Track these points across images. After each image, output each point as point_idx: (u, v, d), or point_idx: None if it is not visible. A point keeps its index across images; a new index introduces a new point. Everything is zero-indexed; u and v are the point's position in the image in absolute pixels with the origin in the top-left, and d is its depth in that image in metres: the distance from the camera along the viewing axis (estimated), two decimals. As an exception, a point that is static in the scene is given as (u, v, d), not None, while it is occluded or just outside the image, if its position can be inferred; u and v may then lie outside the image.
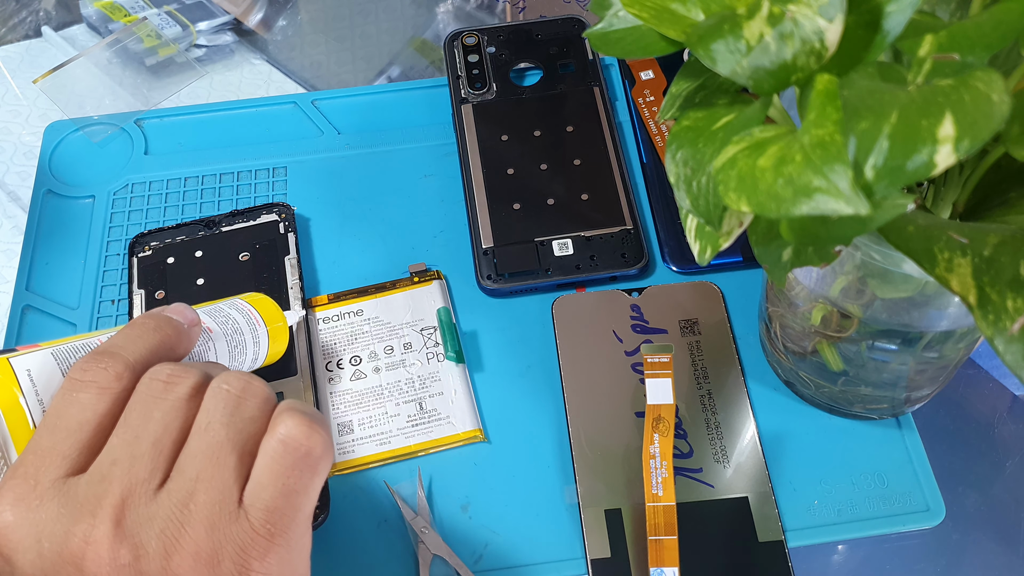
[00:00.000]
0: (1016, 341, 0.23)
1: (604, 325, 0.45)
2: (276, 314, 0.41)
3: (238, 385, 0.30)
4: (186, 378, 0.30)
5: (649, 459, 0.38)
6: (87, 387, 0.29)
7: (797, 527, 0.39)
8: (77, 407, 0.29)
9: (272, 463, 0.29)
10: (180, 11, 0.64)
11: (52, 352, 0.33)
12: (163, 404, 0.29)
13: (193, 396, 0.30)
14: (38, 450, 0.28)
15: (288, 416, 0.30)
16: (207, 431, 0.29)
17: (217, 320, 0.38)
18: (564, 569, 0.39)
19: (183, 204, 0.51)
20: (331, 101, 0.56)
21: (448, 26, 0.66)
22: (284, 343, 0.41)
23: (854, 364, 0.37)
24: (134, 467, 0.28)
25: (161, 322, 0.33)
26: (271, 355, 0.40)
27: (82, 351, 0.33)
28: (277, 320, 0.41)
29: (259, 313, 0.40)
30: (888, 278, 0.31)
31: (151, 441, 0.28)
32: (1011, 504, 0.41)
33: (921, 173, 0.20)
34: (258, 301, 0.41)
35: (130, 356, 0.31)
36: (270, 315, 0.41)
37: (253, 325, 0.39)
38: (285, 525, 0.28)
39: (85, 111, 0.56)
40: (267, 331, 0.40)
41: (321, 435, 0.30)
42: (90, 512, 0.27)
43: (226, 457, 0.28)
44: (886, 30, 0.23)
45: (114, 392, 0.30)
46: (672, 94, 0.30)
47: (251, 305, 0.40)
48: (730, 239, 0.26)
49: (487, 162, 0.50)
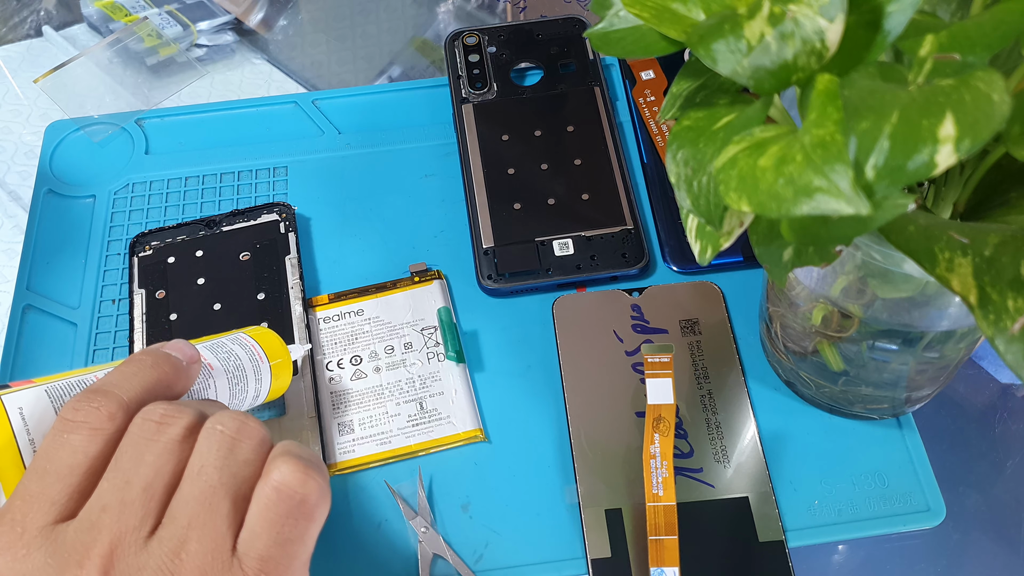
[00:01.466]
0: (1017, 341, 0.23)
1: (605, 325, 0.45)
2: (280, 350, 0.40)
3: (232, 426, 0.29)
4: (179, 418, 0.29)
5: (649, 459, 0.38)
6: (78, 428, 0.29)
7: (797, 527, 0.39)
8: (68, 450, 0.28)
9: (266, 511, 0.28)
10: (181, 11, 0.64)
11: (46, 389, 0.32)
12: (155, 446, 0.29)
13: (186, 437, 0.29)
14: (26, 495, 0.27)
15: (283, 461, 0.29)
16: (200, 475, 0.28)
17: (218, 356, 0.37)
18: (564, 569, 0.39)
19: (184, 204, 0.51)
20: (332, 101, 0.56)
21: (449, 26, 0.66)
22: (287, 379, 0.40)
23: (855, 364, 0.37)
24: (124, 514, 0.27)
25: (159, 359, 0.32)
26: (273, 391, 0.39)
27: (77, 388, 0.32)
28: (281, 356, 0.39)
29: (263, 349, 0.39)
30: (889, 278, 0.31)
31: (142, 486, 0.28)
32: (1012, 504, 0.41)
33: (922, 173, 0.20)
34: (262, 336, 0.40)
35: (124, 394, 0.30)
36: (274, 351, 0.39)
37: (256, 361, 0.38)
38: (280, 574, 0.28)
39: (86, 111, 0.56)
40: (270, 368, 0.39)
41: (317, 481, 0.29)
42: (77, 563, 0.26)
43: (219, 503, 0.28)
44: (887, 30, 0.23)
45: (106, 433, 0.29)
46: (673, 94, 0.30)
47: (254, 340, 0.39)
48: (731, 239, 0.26)
49: (488, 162, 0.50)
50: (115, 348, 0.46)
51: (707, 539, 0.38)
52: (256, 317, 0.45)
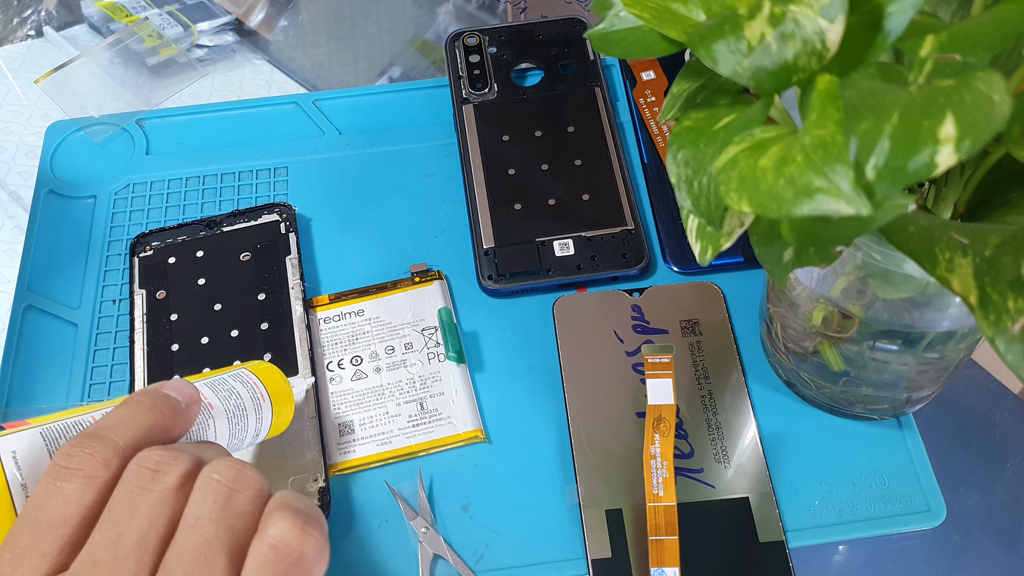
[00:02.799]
0: (1017, 341, 0.23)
1: (605, 325, 0.45)
2: (282, 387, 0.39)
3: (229, 475, 0.29)
4: (175, 465, 0.29)
5: (650, 459, 0.38)
6: (72, 476, 0.28)
7: (798, 527, 0.39)
8: (60, 499, 0.27)
9: (262, 569, 0.27)
10: (181, 11, 0.64)
11: (41, 431, 0.31)
12: (150, 496, 0.28)
13: (182, 486, 0.28)
14: (17, 548, 0.27)
15: (280, 516, 0.28)
16: (195, 528, 0.27)
17: (219, 395, 0.36)
18: (565, 569, 0.39)
19: (184, 204, 0.51)
20: (332, 101, 0.56)
21: (449, 26, 0.66)
22: (289, 417, 0.39)
23: (855, 365, 0.37)
24: (117, 569, 0.26)
25: (157, 400, 0.32)
26: (274, 428, 0.38)
27: (73, 430, 0.31)
28: (283, 394, 0.39)
29: (264, 387, 0.38)
30: (889, 278, 0.31)
31: (135, 539, 0.27)
32: (1012, 505, 0.41)
33: (922, 173, 0.20)
34: (264, 372, 0.39)
35: (120, 439, 0.29)
36: (276, 388, 0.38)
37: (257, 400, 0.37)
38: None
39: (86, 111, 0.56)
40: (271, 407, 0.38)
41: (315, 538, 0.28)
42: None
43: (215, 557, 0.27)
44: (887, 31, 0.23)
45: (101, 481, 0.28)
46: (673, 94, 0.30)
47: (257, 377, 0.38)
48: (731, 239, 0.26)
49: (488, 162, 0.50)
50: (115, 348, 0.46)
51: (707, 539, 0.38)
52: (256, 317, 0.45)
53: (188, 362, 0.44)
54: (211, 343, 0.44)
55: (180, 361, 0.44)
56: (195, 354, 0.44)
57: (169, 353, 0.44)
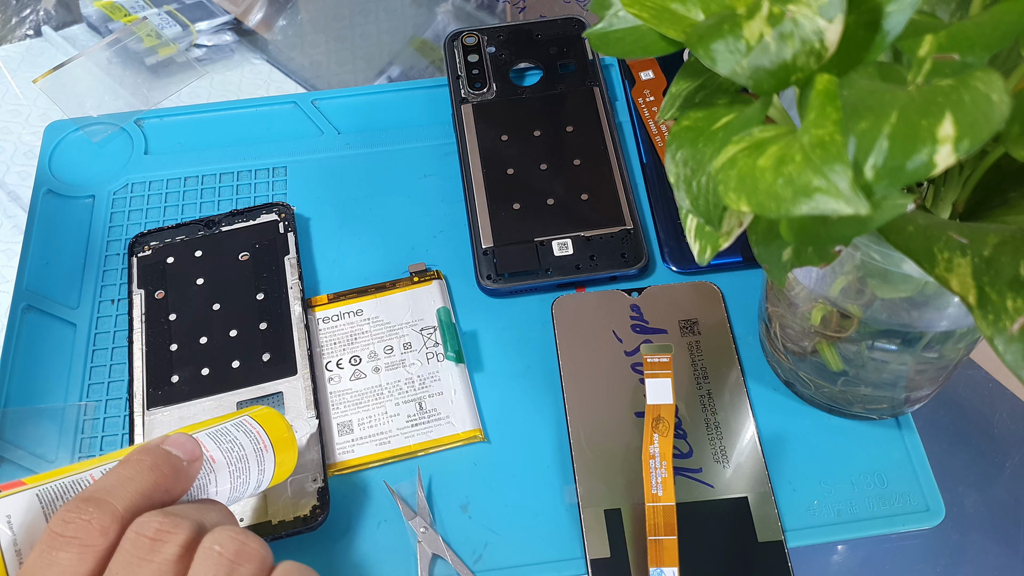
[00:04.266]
0: (1016, 341, 0.23)
1: (604, 325, 0.45)
2: (285, 434, 0.38)
3: (232, 548, 0.28)
4: (175, 534, 0.28)
5: (649, 459, 0.38)
6: (68, 545, 0.27)
7: (797, 527, 0.39)
8: (56, 570, 0.26)
9: None
10: (180, 11, 0.64)
11: (37, 493, 0.30)
12: (148, 568, 0.27)
13: (182, 556, 0.28)
14: None
15: None
16: None
17: (221, 446, 0.34)
18: (564, 569, 0.39)
19: (183, 204, 0.51)
20: (331, 101, 0.56)
21: (448, 26, 0.66)
22: (292, 464, 0.38)
23: (854, 364, 0.37)
24: None
25: (158, 459, 0.30)
26: (277, 476, 0.37)
27: (70, 491, 0.30)
28: (286, 441, 0.37)
29: (267, 435, 0.37)
30: (888, 278, 0.31)
31: None
32: (1011, 504, 0.41)
33: (921, 173, 0.20)
34: (268, 420, 0.37)
35: (119, 503, 0.28)
36: (279, 436, 0.37)
37: (260, 451, 0.36)
38: None
39: (85, 111, 0.56)
40: (274, 456, 0.36)
41: None
42: None
43: None
44: (886, 30, 0.23)
45: (98, 550, 0.27)
46: (672, 94, 0.30)
47: (260, 426, 0.37)
48: (730, 239, 0.26)
49: (487, 162, 0.50)
50: (114, 348, 0.46)
51: (706, 539, 0.38)
52: (255, 317, 0.45)
53: (187, 362, 0.44)
54: (210, 343, 0.44)
55: (179, 361, 0.44)
56: (194, 354, 0.44)
57: (168, 353, 0.44)
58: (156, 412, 0.43)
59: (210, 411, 0.42)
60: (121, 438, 0.43)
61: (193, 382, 0.43)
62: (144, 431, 0.42)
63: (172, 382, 0.43)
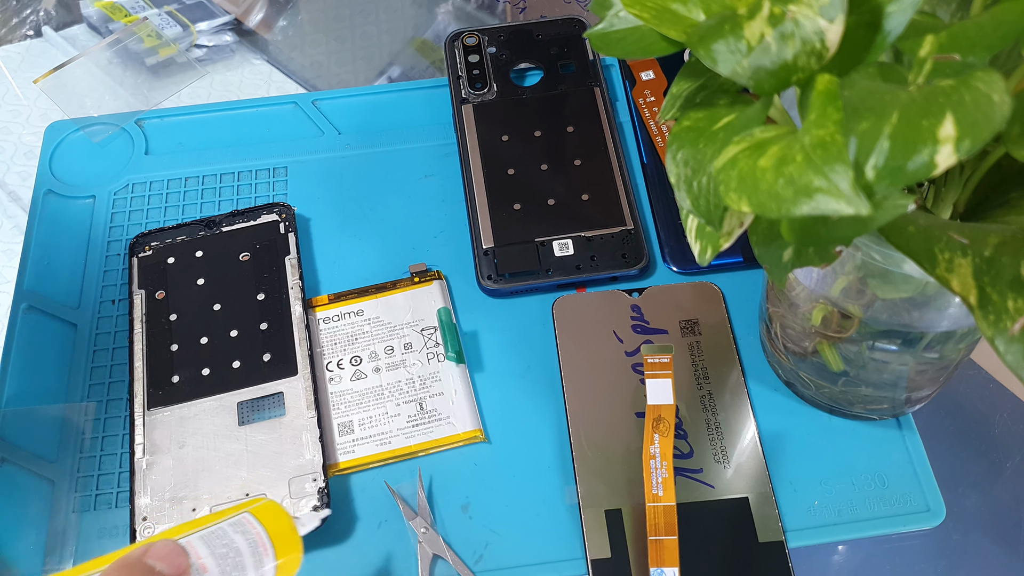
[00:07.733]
0: (1017, 341, 0.23)
1: (604, 325, 0.45)
2: (288, 534, 0.34)
3: None
4: None
5: (649, 459, 0.38)
6: None
7: (797, 527, 0.39)
8: None
9: None
10: (181, 11, 0.64)
11: None
12: None
13: None
14: None
15: None
16: None
17: (215, 551, 0.32)
18: (564, 569, 0.39)
19: (183, 204, 0.51)
20: (331, 101, 0.56)
21: (448, 26, 0.66)
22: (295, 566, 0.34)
23: (854, 364, 0.37)
24: None
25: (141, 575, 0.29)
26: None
27: None
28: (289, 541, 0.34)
29: (269, 537, 0.33)
30: (889, 278, 0.31)
31: None
32: (1011, 504, 0.41)
33: (922, 173, 0.20)
34: (270, 517, 0.34)
35: None
36: (281, 536, 0.34)
37: (258, 555, 0.32)
38: None
39: (86, 111, 0.56)
40: (275, 560, 0.33)
41: None
42: None
43: None
44: (887, 30, 0.23)
45: None
46: (673, 94, 0.30)
47: (261, 525, 0.34)
48: (731, 239, 0.26)
49: (487, 162, 0.50)
50: (114, 348, 0.46)
51: (707, 540, 0.38)
52: (256, 317, 0.45)
53: (188, 362, 0.44)
54: (210, 343, 0.44)
55: (179, 361, 0.44)
56: (194, 354, 0.44)
57: (168, 353, 0.44)
58: (157, 412, 0.43)
59: (210, 411, 0.42)
60: (122, 438, 0.43)
61: (194, 382, 0.43)
62: (144, 431, 0.42)
63: (173, 382, 0.43)
